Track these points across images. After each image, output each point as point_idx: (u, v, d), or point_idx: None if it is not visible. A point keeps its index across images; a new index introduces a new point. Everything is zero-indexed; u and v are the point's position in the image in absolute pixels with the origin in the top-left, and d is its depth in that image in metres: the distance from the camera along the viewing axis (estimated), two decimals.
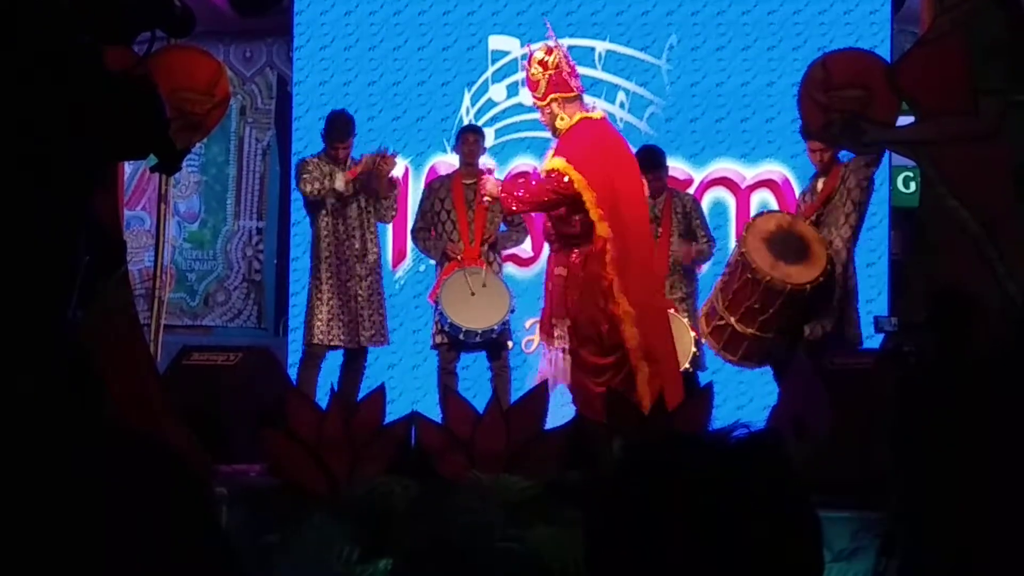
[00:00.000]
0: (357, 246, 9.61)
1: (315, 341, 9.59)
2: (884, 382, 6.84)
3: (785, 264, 8.51)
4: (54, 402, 3.95)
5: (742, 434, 1.50)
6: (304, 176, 9.49)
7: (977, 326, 6.08)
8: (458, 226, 9.73)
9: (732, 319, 8.68)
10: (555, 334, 8.40)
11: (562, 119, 8.34)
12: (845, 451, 6.79)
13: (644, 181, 8.63)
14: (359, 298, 9.60)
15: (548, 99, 8.35)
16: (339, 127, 9.68)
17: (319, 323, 9.56)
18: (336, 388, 8.95)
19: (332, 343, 9.63)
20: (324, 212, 9.57)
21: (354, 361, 9.79)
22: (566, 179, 8.16)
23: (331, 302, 9.55)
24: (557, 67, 8.37)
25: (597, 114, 8.53)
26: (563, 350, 8.36)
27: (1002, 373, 5.88)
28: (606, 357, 8.30)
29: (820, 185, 8.99)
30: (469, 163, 9.86)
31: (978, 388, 5.60)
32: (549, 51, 8.41)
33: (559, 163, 8.24)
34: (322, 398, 8.89)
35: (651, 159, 9.45)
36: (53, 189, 4.07)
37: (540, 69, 8.39)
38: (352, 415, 7.51)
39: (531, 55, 8.47)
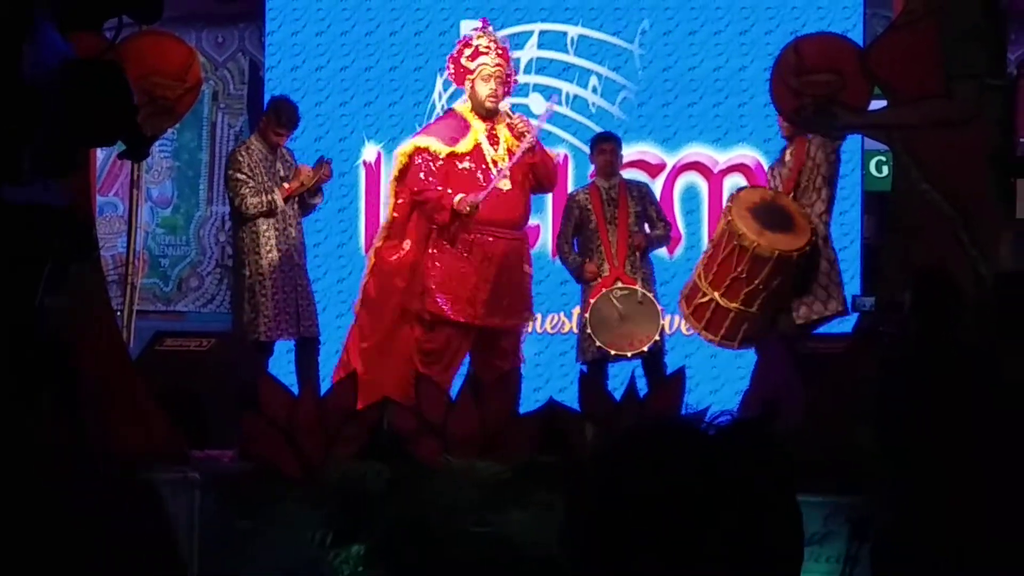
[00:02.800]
0: (294, 235, 9.40)
1: (263, 339, 9.20)
2: (859, 363, 6.85)
3: (772, 232, 8.48)
4: (24, 391, 3.93)
5: (727, 421, 1.49)
6: (243, 192, 9.17)
7: (956, 310, 6.10)
8: None
9: (716, 293, 8.62)
10: None
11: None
12: (817, 435, 6.80)
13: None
14: (300, 288, 9.36)
15: None
16: (287, 114, 9.40)
17: (265, 319, 9.18)
18: (298, 379, 8.96)
19: (280, 337, 9.35)
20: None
21: (309, 349, 9.48)
22: None
23: (276, 296, 9.20)
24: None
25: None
26: None
27: (980, 356, 5.90)
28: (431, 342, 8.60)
29: (788, 157, 8.97)
30: None
31: (959, 371, 5.61)
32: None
33: None
34: None
35: (603, 134, 9.65)
36: (20, 175, 4.04)
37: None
38: (325, 400, 7.52)
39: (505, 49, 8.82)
